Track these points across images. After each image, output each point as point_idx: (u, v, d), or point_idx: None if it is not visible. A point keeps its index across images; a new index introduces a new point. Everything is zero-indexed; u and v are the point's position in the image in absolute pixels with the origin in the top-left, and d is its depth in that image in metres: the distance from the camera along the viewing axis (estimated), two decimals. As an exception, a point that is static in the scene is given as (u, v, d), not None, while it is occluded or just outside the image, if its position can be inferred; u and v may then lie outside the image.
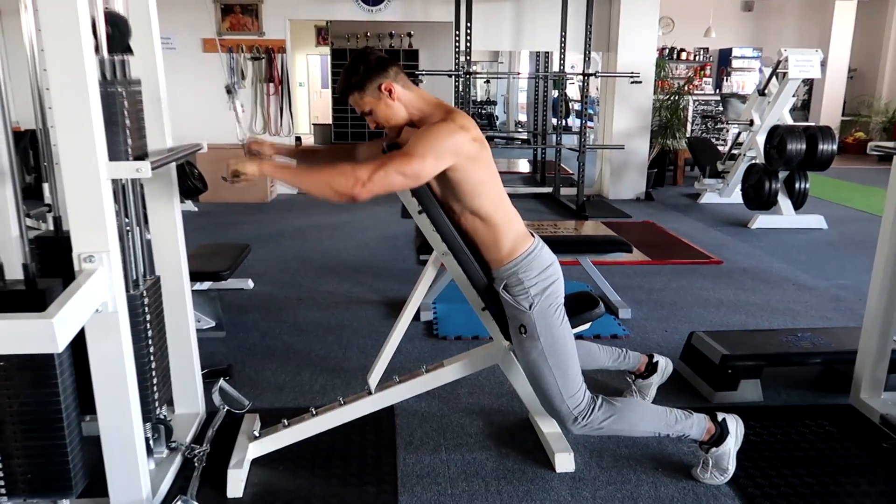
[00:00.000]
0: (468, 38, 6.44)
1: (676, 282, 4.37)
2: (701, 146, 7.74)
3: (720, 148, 8.01)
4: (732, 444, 2.14)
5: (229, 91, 2.25)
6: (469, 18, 6.38)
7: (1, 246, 1.87)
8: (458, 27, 6.65)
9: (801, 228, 5.95)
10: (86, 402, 1.89)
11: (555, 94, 12.14)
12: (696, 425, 2.13)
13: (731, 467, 2.15)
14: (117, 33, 1.95)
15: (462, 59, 6.54)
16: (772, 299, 4.05)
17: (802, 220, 6.04)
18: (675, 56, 12.59)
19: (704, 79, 12.37)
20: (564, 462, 2.23)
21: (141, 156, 1.96)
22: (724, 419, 2.16)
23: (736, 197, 6.80)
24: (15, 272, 1.84)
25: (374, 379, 2.22)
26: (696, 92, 11.38)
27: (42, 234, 2.16)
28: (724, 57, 12.84)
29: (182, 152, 2.12)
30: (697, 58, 12.79)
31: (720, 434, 2.14)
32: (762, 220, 6.05)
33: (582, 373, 2.09)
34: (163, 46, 6.96)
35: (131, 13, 2.08)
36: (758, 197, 6.14)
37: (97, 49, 1.82)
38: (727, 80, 12.69)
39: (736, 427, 2.17)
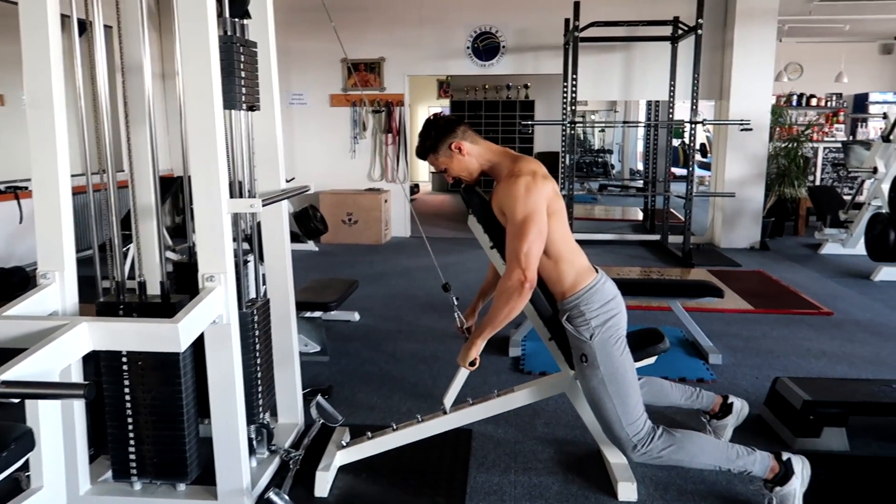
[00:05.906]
0: (574, 89, 6.66)
1: (778, 331, 4.26)
2: (823, 195, 7.41)
3: (846, 197, 7.63)
4: (798, 485, 2.15)
5: (446, 289, 2.51)
6: (575, 71, 6.61)
7: (146, 269, 2.28)
8: (566, 79, 6.91)
9: (931, 282, 5.57)
10: (203, 406, 2.24)
11: (676, 142, 12.03)
12: (758, 462, 2.15)
13: (797, 509, 2.14)
14: None
15: (569, 109, 6.76)
16: (882, 352, 3.86)
17: (933, 274, 5.65)
18: (803, 102, 12.14)
19: (836, 125, 11.82)
20: (627, 491, 2.31)
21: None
22: (788, 459, 2.17)
23: (860, 248, 6.43)
24: (154, 289, 2.25)
25: (448, 400, 2.42)
26: (826, 139, 10.89)
27: (178, 261, 2.59)
28: (860, 102, 12.21)
29: (290, 193, 2.48)
30: (829, 103, 12.24)
31: (785, 473, 2.15)
32: (887, 273, 5.72)
33: (651, 407, 2.18)
34: (296, 102, 7.70)
35: (259, 80, 2.48)
36: (882, 247, 5.81)
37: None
38: (863, 126, 12.04)
39: (802, 468, 2.17)
